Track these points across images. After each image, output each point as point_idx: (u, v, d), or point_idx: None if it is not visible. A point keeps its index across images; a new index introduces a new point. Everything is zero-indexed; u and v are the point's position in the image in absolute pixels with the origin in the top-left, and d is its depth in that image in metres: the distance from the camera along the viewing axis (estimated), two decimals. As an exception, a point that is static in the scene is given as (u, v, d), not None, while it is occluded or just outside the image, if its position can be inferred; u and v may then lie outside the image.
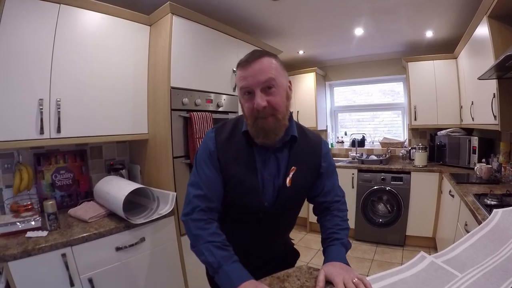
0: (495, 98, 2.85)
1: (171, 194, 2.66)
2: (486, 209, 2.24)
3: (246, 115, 1.37)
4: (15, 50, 2.14)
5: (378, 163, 5.06)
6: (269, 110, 1.30)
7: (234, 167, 1.42)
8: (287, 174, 1.44)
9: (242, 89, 1.33)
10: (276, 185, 1.45)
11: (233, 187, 1.43)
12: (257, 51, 1.38)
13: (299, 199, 1.59)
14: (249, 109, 1.32)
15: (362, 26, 4.21)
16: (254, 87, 1.29)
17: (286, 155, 1.46)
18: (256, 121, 1.32)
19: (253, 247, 1.56)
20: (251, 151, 1.43)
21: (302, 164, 1.48)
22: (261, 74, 1.28)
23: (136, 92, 2.90)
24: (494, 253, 1.15)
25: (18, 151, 2.52)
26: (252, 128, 1.36)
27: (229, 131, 1.48)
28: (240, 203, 1.45)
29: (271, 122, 1.32)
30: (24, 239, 1.98)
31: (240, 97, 1.39)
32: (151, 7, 2.92)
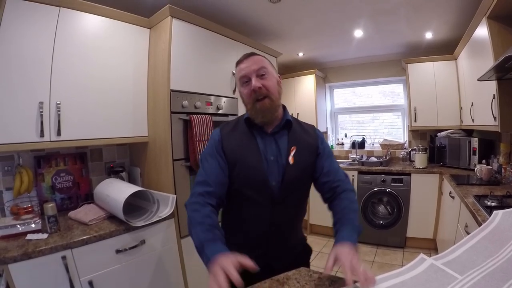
0: (494, 99, 2.85)
1: (171, 196, 2.66)
2: (486, 211, 2.24)
3: (245, 101, 1.63)
4: (15, 53, 2.14)
5: (378, 165, 5.06)
6: (264, 91, 1.55)
7: (238, 150, 1.60)
8: (288, 154, 1.61)
9: (241, 78, 1.60)
10: (280, 164, 1.60)
11: (239, 169, 1.58)
12: (250, 52, 1.67)
13: (303, 177, 1.67)
14: (248, 93, 1.57)
15: (361, 28, 4.22)
16: (250, 75, 1.55)
17: (285, 138, 1.66)
18: (254, 104, 1.57)
19: (271, 234, 1.64)
20: (253, 135, 1.64)
21: (301, 144, 1.65)
22: (254, 64, 1.56)
23: (136, 95, 2.90)
24: (494, 255, 1.15)
25: (19, 154, 2.52)
26: (252, 111, 1.60)
27: (232, 124, 1.73)
28: (248, 184, 1.57)
29: (267, 103, 1.56)
30: (24, 241, 1.98)
31: (239, 87, 1.64)
32: (150, 10, 2.92)
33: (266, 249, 1.63)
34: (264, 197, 1.58)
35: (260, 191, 1.57)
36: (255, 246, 1.62)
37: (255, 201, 1.59)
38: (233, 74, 3.46)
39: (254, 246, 1.60)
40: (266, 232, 1.63)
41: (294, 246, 1.77)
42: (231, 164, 1.59)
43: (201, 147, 2.85)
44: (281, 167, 1.60)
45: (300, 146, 1.65)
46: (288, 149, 1.62)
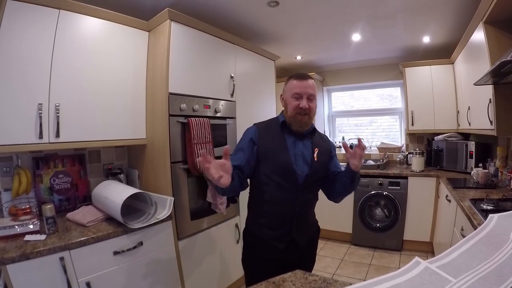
0: (491, 104, 2.87)
1: (169, 199, 2.67)
2: (482, 214, 2.25)
3: (289, 110, 1.99)
4: (14, 54, 2.15)
5: (376, 168, 5.07)
6: (308, 111, 1.95)
7: (270, 145, 1.99)
8: (313, 153, 2.02)
9: (295, 93, 1.96)
10: (305, 160, 2.00)
11: (271, 160, 1.97)
12: (306, 73, 2.09)
13: (322, 172, 2.09)
14: (295, 106, 1.95)
15: (359, 32, 4.23)
16: (304, 95, 1.95)
17: (309, 141, 2.08)
18: (296, 115, 1.96)
19: (295, 213, 2.00)
20: (283, 136, 2.03)
21: (320, 147, 2.08)
22: (309, 89, 1.97)
23: (134, 98, 2.91)
24: (489, 258, 1.16)
25: (17, 155, 2.53)
26: (291, 119, 2.00)
27: (265, 124, 2.12)
28: (278, 172, 1.95)
29: (306, 119, 1.98)
30: (23, 242, 1.99)
31: (287, 98, 2.02)
32: (149, 13, 2.93)
33: (290, 227, 2.00)
34: (290, 183, 1.95)
35: (287, 178, 1.95)
36: (281, 225, 1.99)
37: (283, 186, 1.95)
38: (231, 77, 3.48)
39: (280, 225, 1.99)
40: (291, 213, 1.99)
41: (311, 225, 2.19)
42: (262, 155, 1.98)
43: (199, 150, 2.85)
44: (306, 162, 2.00)
45: (320, 148, 2.07)
46: (312, 150, 2.03)
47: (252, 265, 2.10)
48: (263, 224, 2.03)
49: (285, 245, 2.00)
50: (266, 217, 2.02)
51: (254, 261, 2.09)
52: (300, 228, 2.03)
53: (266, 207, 2.01)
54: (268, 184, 1.97)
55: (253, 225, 2.11)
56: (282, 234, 2.00)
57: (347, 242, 5.14)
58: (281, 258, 2.00)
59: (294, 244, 2.02)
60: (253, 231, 2.09)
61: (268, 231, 2.01)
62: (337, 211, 5.02)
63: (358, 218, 4.95)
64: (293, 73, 2.07)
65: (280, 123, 2.05)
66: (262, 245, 2.02)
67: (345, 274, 4.07)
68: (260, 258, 2.04)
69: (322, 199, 2.19)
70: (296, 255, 2.04)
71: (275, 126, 2.07)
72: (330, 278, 1.30)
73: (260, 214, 2.05)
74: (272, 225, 2.01)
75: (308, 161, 2.01)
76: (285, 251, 2.00)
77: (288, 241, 2.00)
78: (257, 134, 2.03)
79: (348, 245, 5.07)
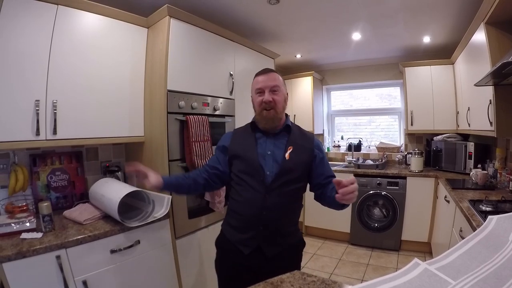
0: (491, 105, 2.86)
1: (166, 197, 2.65)
2: (481, 215, 2.25)
3: (255, 107, 1.99)
4: (12, 50, 2.13)
5: (374, 168, 5.08)
6: (272, 104, 1.91)
7: (239, 146, 2.02)
8: (285, 151, 1.94)
9: (257, 89, 1.96)
10: (276, 159, 1.93)
11: (240, 159, 1.97)
12: (269, 68, 2.07)
13: (296, 172, 1.95)
14: (259, 101, 1.94)
15: (359, 31, 4.23)
16: (265, 88, 1.93)
17: (285, 139, 2.00)
18: (262, 111, 1.93)
19: (263, 216, 1.87)
20: (254, 135, 2.02)
21: (297, 145, 1.98)
22: (270, 81, 1.94)
23: (132, 95, 2.90)
24: (488, 260, 1.15)
25: (14, 152, 2.51)
26: (258, 116, 1.98)
27: (243, 128, 2.15)
28: (245, 170, 1.94)
29: (272, 114, 1.93)
30: (19, 240, 1.97)
31: (253, 95, 2.03)
32: (149, 10, 2.92)
33: (257, 231, 1.88)
34: (258, 182, 1.89)
35: (254, 177, 1.90)
36: (248, 227, 1.90)
37: (250, 185, 1.91)
38: (230, 75, 3.47)
39: (247, 227, 1.90)
40: (258, 214, 1.88)
41: (287, 234, 1.97)
42: (232, 156, 2.01)
43: (197, 148, 2.85)
44: (277, 161, 1.92)
45: (296, 147, 1.97)
46: (286, 148, 1.95)
47: (221, 269, 2.10)
48: (232, 225, 2.01)
49: (250, 250, 1.88)
50: (235, 217, 1.98)
51: (223, 265, 2.08)
52: (269, 235, 1.88)
53: (235, 207, 1.99)
54: (238, 184, 1.97)
55: (225, 226, 2.09)
56: (248, 238, 1.89)
57: (345, 242, 5.15)
58: (247, 264, 1.89)
59: (260, 252, 1.87)
60: (224, 232, 2.08)
61: (235, 233, 1.96)
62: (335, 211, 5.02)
63: (356, 218, 4.95)
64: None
65: (251, 123, 2.07)
66: (230, 247, 1.97)
67: (342, 274, 4.07)
68: (228, 262, 2.02)
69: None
70: (264, 265, 1.85)
71: (247, 128, 2.09)
72: (328, 279, 1.29)
73: (230, 214, 2.04)
74: (239, 227, 1.95)
75: (278, 160, 1.92)
76: (250, 257, 1.88)
77: (253, 246, 1.88)
78: (230, 139, 2.09)
79: (346, 244, 5.07)
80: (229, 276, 1.98)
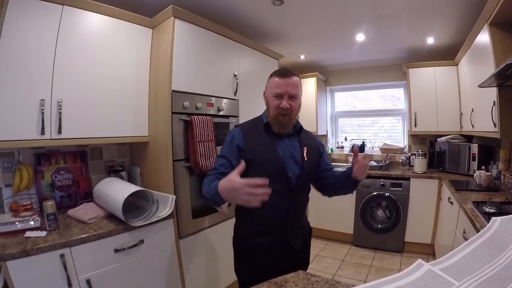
0: (495, 106, 2.85)
1: (171, 197, 2.66)
2: (485, 217, 2.24)
3: (270, 110, 1.92)
4: (17, 50, 2.15)
5: (378, 169, 5.06)
6: (289, 111, 1.87)
7: (258, 148, 1.90)
8: (302, 152, 1.96)
9: (276, 93, 1.87)
10: (295, 160, 1.93)
11: (260, 164, 1.85)
12: (289, 70, 1.95)
13: (313, 171, 2.05)
14: (276, 106, 1.87)
15: (363, 32, 4.22)
16: (285, 94, 1.86)
17: (296, 140, 2.02)
18: (277, 116, 1.88)
19: (290, 217, 1.93)
20: (270, 136, 1.95)
21: (309, 146, 2.02)
22: (291, 87, 1.86)
23: (137, 95, 2.91)
24: (491, 261, 1.15)
25: (19, 151, 2.52)
26: (273, 120, 1.92)
27: (250, 126, 2.03)
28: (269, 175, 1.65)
29: (287, 119, 1.90)
30: (23, 238, 1.98)
31: (269, 96, 1.94)
32: (153, 10, 2.93)
33: (285, 231, 1.92)
34: (283, 186, 1.86)
35: (279, 182, 1.84)
36: (275, 230, 1.91)
37: (275, 190, 1.67)
38: (234, 75, 3.48)
39: (274, 230, 1.91)
40: (285, 217, 1.92)
41: (304, 226, 2.12)
42: (250, 159, 1.81)
43: (201, 148, 2.85)
44: (296, 162, 1.93)
45: (308, 147, 2.01)
46: (301, 149, 1.97)
47: (247, 274, 1.99)
48: (255, 231, 1.94)
49: (280, 250, 1.92)
50: (258, 223, 1.93)
51: (249, 270, 1.98)
52: (295, 231, 1.97)
53: (257, 213, 1.77)
54: None
55: (244, 232, 2.01)
56: (276, 240, 1.91)
57: (348, 243, 5.14)
58: (276, 263, 1.90)
59: (289, 248, 1.94)
60: (245, 238, 2.00)
61: (261, 238, 1.92)
62: (338, 212, 5.04)
63: (359, 219, 4.94)
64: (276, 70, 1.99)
65: (264, 124, 1.96)
66: (256, 252, 1.93)
67: (345, 275, 4.07)
68: (255, 266, 1.93)
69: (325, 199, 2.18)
70: (291, 259, 1.95)
71: (259, 127, 1.98)
72: (332, 279, 1.29)
73: (251, 220, 1.96)
74: (265, 231, 1.91)
75: (298, 161, 1.94)
76: (280, 256, 1.92)
77: (283, 246, 1.93)
78: (242, 138, 1.93)
79: (349, 246, 5.06)
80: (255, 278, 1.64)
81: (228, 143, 1.94)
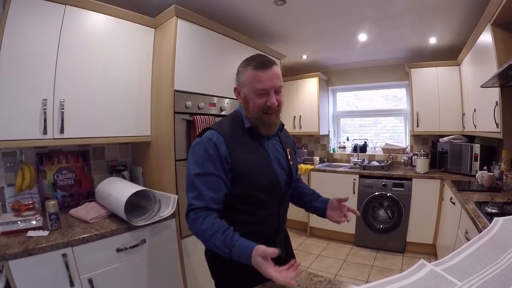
0: (497, 106, 2.85)
1: (173, 196, 2.66)
2: (487, 217, 2.24)
3: (251, 109, 1.58)
4: (20, 50, 2.15)
5: (380, 169, 5.07)
6: (277, 108, 1.56)
7: (246, 158, 1.56)
8: (286, 155, 1.75)
9: (260, 89, 1.52)
10: (281, 164, 1.70)
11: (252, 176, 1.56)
12: (267, 57, 1.61)
13: (296, 175, 1.85)
14: (259, 104, 1.54)
15: (366, 32, 4.22)
16: (270, 90, 1.52)
17: (277, 140, 1.77)
18: (262, 116, 1.57)
19: (279, 227, 1.73)
20: (258, 141, 1.65)
21: (289, 145, 1.81)
22: (276, 80, 1.54)
23: (139, 94, 2.92)
24: (493, 262, 1.15)
25: (21, 150, 2.53)
26: (256, 121, 1.59)
27: (229, 130, 1.63)
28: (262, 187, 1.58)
29: (274, 118, 1.60)
30: (25, 238, 1.99)
31: (247, 94, 1.58)
32: (156, 10, 2.93)
33: (274, 244, 1.64)
34: (275, 196, 1.66)
35: (272, 192, 1.63)
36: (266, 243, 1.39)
37: (267, 202, 1.62)
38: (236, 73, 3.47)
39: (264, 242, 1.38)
40: (274, 229, 1.71)
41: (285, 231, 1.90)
42: (239, 173, 1.54)
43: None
44: (283, 167, 1.70)
45: (288, 147, 1.80)
46: (284, 151, 1.75)
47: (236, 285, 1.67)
48: None
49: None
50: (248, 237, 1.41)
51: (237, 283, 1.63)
52: (281, 240, 1.78)
53: (244, 229, 1.46)
54: (249, 203, 1.59)
55: None
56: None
57: (350, 243, 5.14)
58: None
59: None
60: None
61: None
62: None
63: (361, 219, 4.94)
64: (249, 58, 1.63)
65: (247, 128, 1.63)
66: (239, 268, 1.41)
67: (347, 275, 4.07)
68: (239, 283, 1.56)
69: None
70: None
71: (240, 128, 1.64)
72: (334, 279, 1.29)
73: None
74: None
75: (284, 166, 1.71)
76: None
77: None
78: (225, 146, 1.54)
79: (351, 246, 5.06)
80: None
81: (212, 155, 1.52)
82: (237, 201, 1.58)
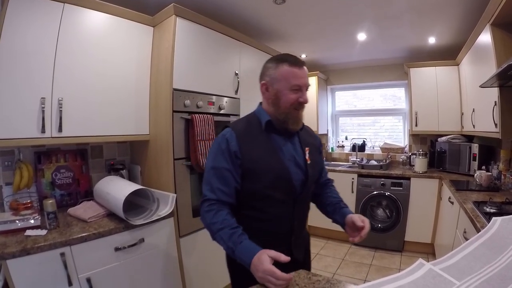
0: (496, 106, 2.85)
1: (171, 195, 2.66)
2: (485, 217, 2.24)
3: (282, 105, 1.63)
4: (18, 48, 2.15)
5: (378, 168, 5.06)
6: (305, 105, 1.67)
7: (259, 155, 1.61)
8: (304, 154, 1.73)
9: (295, 85, 1.59)
10: (298, 164, 1.69)
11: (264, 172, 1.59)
12: (299, 58, 1.66)
13: (317, 175, 1.86)
14: (292, 99, 1.60)
15: (365, 32, 4.22)
16: (303, 86, 1.62)
17: (296, 139, 1.76)
18: (292, 112, 1.64)
19: (294, 228, 1.71)
20: (270, 138, 1.67)
21: (310, 145, 1.79)
22: (307, 79, 1.66)
23: (138, 93, 2.91)
24: (492, 261, 1.15)
25: (19, 149, 2.52)
26: (286, 116, 1.64)
27: (244, 126, 1.70)
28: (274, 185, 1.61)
29: (301, 114, 1.71)
30: (23, 237, 1.98)
31: (283, 89, 1.61)
32: (155, 8, 2.92)
33: (289, 244, 1.68)
34: (288, 196, 1.64)
35: (283, 191, 1.63)
36: (279, 244, 1.56)
37: (279, 201, 1.64)
38: (235, 74, 3.48)
39: (277, 244, 1.50)
40: (290, 229, 1.69)
41: (306, 234, 1.90)
42: (249, 168, 1.59)
43: (202, 146, 2.85)
44: (299, 166, 1.69)
45: (310, 146, 1.78)
46: (302, 149, 1.74)
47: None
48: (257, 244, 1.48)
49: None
50: (258, 236, 1.51)
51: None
52: (298, 242, 1.76)
53: (256, 225, 1.61)
54: (259, 200, 1.62)
55: None
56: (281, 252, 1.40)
57: (348, 242, 5.11)
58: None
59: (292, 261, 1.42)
60: None
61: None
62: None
63: (359, 218, 4.92)
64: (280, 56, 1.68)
65: (265, 123, 1.67)
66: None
67: (345, 274, 4.07)
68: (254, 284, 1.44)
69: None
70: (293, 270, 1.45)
71: (256, 127, 1.69)
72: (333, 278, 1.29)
73: (252, 234, 1.52)
74: (268, 246, 1.42)
75: (300, 165, 1.69)
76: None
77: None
78: (237, 142, 1.60)
79: (349, 245, 5.05)
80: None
81: (224, 150, 1.60)
82: (248, 197, 1.63)
